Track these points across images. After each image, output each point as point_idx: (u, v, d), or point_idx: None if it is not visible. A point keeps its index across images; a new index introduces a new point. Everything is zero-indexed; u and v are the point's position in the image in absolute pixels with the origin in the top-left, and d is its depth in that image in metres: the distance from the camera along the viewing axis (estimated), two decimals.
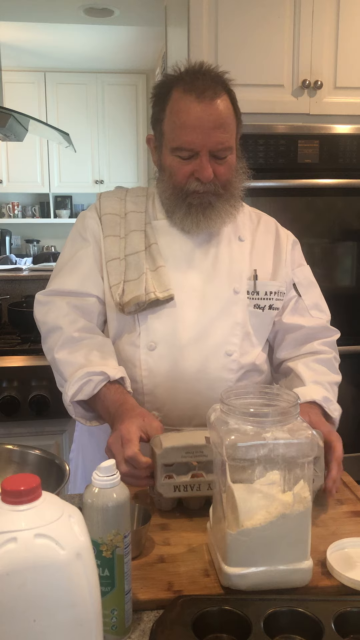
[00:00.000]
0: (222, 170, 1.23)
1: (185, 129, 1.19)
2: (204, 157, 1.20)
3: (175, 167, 1.23)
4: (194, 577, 0.90)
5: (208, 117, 1.18)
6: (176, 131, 1.20)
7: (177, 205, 1.26)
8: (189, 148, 1.20)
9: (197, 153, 1.20)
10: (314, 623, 0.76)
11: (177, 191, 1.25)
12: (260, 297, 1.32)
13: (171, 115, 1.22)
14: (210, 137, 1.19)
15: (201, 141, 1.19)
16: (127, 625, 0.79)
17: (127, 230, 1.31)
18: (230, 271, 1.31)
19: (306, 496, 0.87)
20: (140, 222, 1.32)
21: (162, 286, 1.25)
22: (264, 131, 2.28)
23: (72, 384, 1.17)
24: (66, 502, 0.65)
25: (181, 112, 1.19)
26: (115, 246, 1.30)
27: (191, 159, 1.21)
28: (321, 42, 2.30)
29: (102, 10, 3.45)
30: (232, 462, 0.85)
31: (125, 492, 0.78)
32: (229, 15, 2.24)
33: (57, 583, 0.59)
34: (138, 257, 1.28)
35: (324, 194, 2.36)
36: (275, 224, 1.44)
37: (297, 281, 1.40)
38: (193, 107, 1.18)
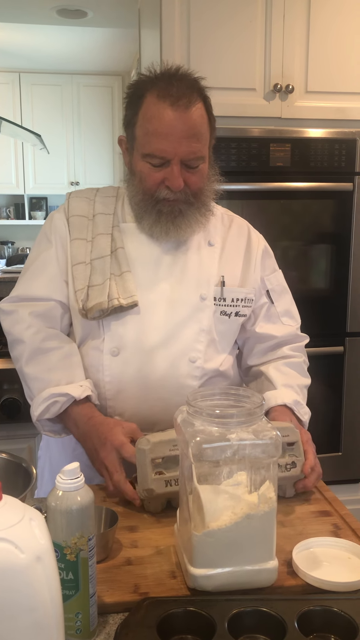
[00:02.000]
0: (193, 179, 1.21)
1: (157, 137, 1.17)
2: (175, 166, 1.18)
3: (146, 173, 1.21)
4: (160, 579, 0.90)
5: (182, 126, 1.16)
6: (148, 137, 1.19)
7: (146, 212, 1.24)
8: (160, 156, 1.18)
9: (168, 161, 1.18)
10: (277, 622, 0.77)
11: (147, 197, 1.23)
12: (227, 304, 1.31)
13: (144, 120, 1.19)
14: (183, 146, 1.17)
15: (173, 150, 1.17)
16: (92, 628, 0.79)
17: (94, 233, 1.29)
18: (199, 277, 1.30)
19: (271, 496, 0.87)
20: (108, 224, 1.30)
21: (126, 292, 1.23)
22: (236, 134, 2.29)
23: (38, 405, 1.19)
24: (27, 505, 0.64)
25: (154, 118, 1.17)
26: (81, 250, 1.28)
27: (162, 166, 1.19)
28: (292, 46, 2.32)
29: (76, 11, 3.43)
30: (198, 464, 0.86)
31: (89, 495, 0.78)
32: (201, 19, 2.25)
33: (16, 587, 0.59)
34: (103, 262, 1.26)
35: (296, 197, 2.38)
36: (248, 228, 1.42)
37: (271, 288, 1.39)
38: (167, 115, 1.16)
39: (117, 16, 3.49)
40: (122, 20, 3.51)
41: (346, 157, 2.37)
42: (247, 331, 1.39)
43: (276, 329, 1.38)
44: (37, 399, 1.20)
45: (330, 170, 2.37)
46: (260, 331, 1.37)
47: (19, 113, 4.94)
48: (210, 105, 1.25)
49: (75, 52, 4.46)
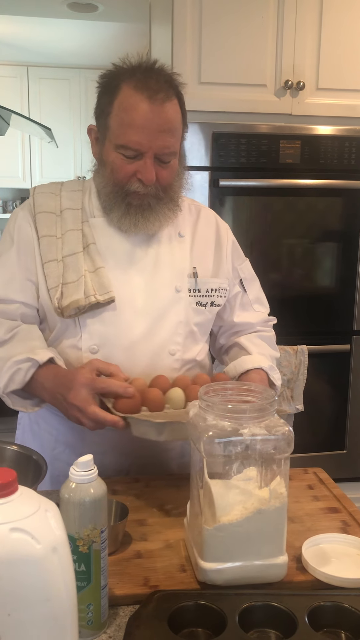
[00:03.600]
0: (164, 174, 1.21)
1: (132, 128, 1.16)
2: (149, 160, 1.18)
3: (118, 165, 1.19)
4: (170, 573, 0.90)
5: (157, 119, 1.16)
6: (123, 128, 1.17)
7: (115, 204, 1.23)
8: (134, 148, 1.17)
9: (141, 154, 1.18)
10: (288, 617, 0.77)
11: (117, 189, 1.22)
12: (202, 295, 1.31)
13: (119, 111, 1.18)
14: (157, 140, 1.17)
15: (148, 143, 1.16)
16: (103, 620, 0.80)
17: (64, 229, 1.27)
18: (172, 269, 1.29)
19: (282, 492, 0.88)
20: (77, 220, 1.28)
21: (102, 288, 1.22)
22: (246, 130, 2.29)
23: (2, 376, 1.17)
24: (43, 496, 0.65)
25: (130, 109, 1.16)
26: (52, 247, 1.25)
27: (135, 159, 1.18)
28: (304, 43, 2.31)
29: (86, 5, 3.43)
30: (209, 458, 0.86)
31: (102, 487, 0.78)
32: (213, 14, 2.24)
33: (32, 577, 0.59)
34: (76, 258, 1.24)
35: (305, 194, 2.38)
36: (215, 217, 1.41)
37: (243, 276, 1.41)
38: (143, 107, 1.15)
39: (128, 10, 3.48)
40: (132, 14, 3.50)
41: (356, 154, 2.36)
42: (223, 320, 1.41)
43: (251, 317, 1.42)
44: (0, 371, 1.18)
45: (340, 167, 2.36)
46: (238, 320, 1.40)
47: (27, 107, 4.93)
48: (183, 102, 1.24)
49: (84, 46, 4.45)
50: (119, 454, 1.27)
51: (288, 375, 2.39)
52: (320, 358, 2.47)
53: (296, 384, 2.40)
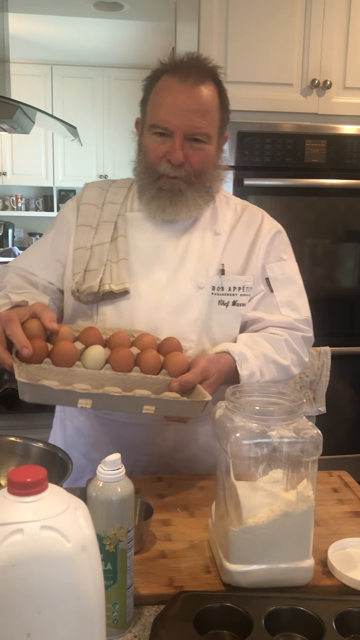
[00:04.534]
0: (196, 157, 1.20)
1: (162, 107, 1.18)
2: (177, 139, 1.18)
3: (150, 146, 1.22)
4: (195, 573, 0.90)
5: (187, 98, 1.17)
6: (155, 109, 1.20)
7: (147, 186, 1.25)
8: (163, 127, 1.18)
9: (171, 134, 1.18)
10: (315, 622, 0.76)
11: (148, 171, 1.23)
12: (225, 293, 1.28)
13: (155, 94, 1.22)
14: (185, 119, 1.17)
15: (176, 121, 1.17)
16: (128, 619, 0.80)
17: (100, 220, 1.30)
18: (197, 266, 1.27)
19: (309, 495, 0.87)
20: (113, 213, 1.31)
21: (119, 279, 1.23)
22: (271, 130, 2.28)
23: None
24: (72, 495, 0.65)
25: (163, 90, 1.20)
26: (84, 236, 1.29)
27: (166, 140, 1.19)
28: (331, 41, 2.29)
29: (112, 4, 3.44)
30: (236, 460, 0.86)
31: (129, 487, 0.78)
32: (240, 13, 2.23)
33: (62, 575, 0.59)
34: (102, 248, 1.27)
35: (330, 194, 2.36)
36: (262, 216, 1.37)
37: (272, 275, 1.31)
38: (174, 87, 1.18)
39: (153, 9, 3.48)
40: (157, 13, 3.50)
41: None
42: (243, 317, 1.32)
43: (268, 316, 1.30)
44: None
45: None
46: (250, 315, 1.30)
47: (50, 105, 4.97)
48: (223, 91, 1.25)
49: (108, 45, 4.46)
50: (125, 449, 1.27)
51: (310, 377, 2.37)
52: (343, 360, 2.45)
53: (319, 386, 2.38)
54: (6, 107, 2.10)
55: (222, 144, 1.29)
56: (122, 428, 1.28)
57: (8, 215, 5.35)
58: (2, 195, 5.36)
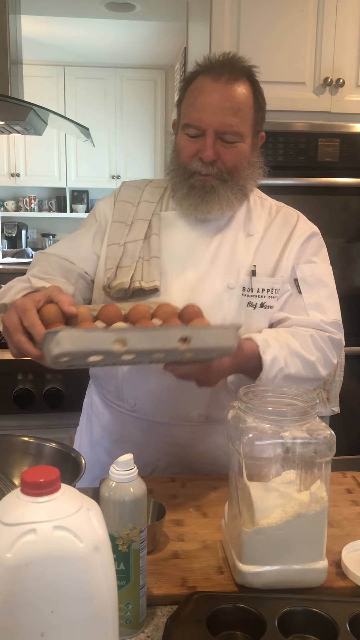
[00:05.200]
0: (228, 155, 1.20)
1: (195, 106, 1.19)
2: (209, 137, 1.18)
3: (183, 145, 1.22)
4: (208, 574, 0.90)
5: (219, 96, 1.17)
6: (188, 108, 1.21)
7: (179, 184, 1.25)
8: (195, 125, 1.18)
9: (204, 132, 1.18)
10: (328, 624, 0.76)
11: (181, 169, 1.24)
12: (254, 295, 1.26)
13: (189, 94, 1.23)
14: (218, 117, 1.17)
15: (208, 119, 1.17)
16: (141, 619, 0.80)
17: (135, 218, 1.31)
18: (229, 266, 1.26)
19: (323, 496, 0.86)
20: (149, 211, 1.31)
21: (149, 276, 1.23)
22: (284, 129, 2.26)
23: (9, 290, 1.18)
24: (84, 495, 0.65)
25: (196, 90, 1.20)
26: (118, 232, 1.30)
27: (198, 138, 1.20)
28: (344, 39, 2.28)
29: (124, 5, 3.44)
30: (248, 460, 0.85)
31: (142, 487, 0.78)
32: (252, 12, 2.23)
33: (75, 575, 0.59)
34: (135, 245, 1.27)
35: (344, 192, 2.34)
36: (298, 218, 1.35)
37: (301, 277, 1.28)
38: (207, 86, 1.19)
39: (165, 9, 3.48)
40: (169, 13, 3.50)
41: None
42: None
43: (293, 316, 1.26)
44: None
45: None
46: (276, 316, 1.27)
47: (63, 106, 4.99)
48: (259, 91, 1.25)
49: (120, 45, 4.47)
50: (148, 447, 1.28)
51: None
52: (357, 359, 2.43)
53: (332, 386, 2.37)
54: (19, 108, 2.11)
55: (257, 143, 1.29)
56: (147, 425, 1.28)
57: (21, 216, 5.38)
58: (16, 197, 5.40)
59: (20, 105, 2.11)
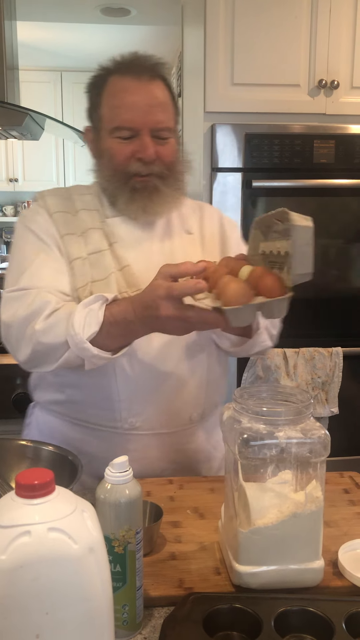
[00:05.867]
0: (165, 151, 1.20)
1: (124, 107, 1.17)
2: (146, 136, 1.17)
3: (115, 149, 1.19)
4: (205, 575, 0.90)
5: (146, 94, 1.17)
6: (115, 111, 1.19)
7: (119, 189, 1.21)
8: (129, 126, 1.17)
9: (137, 133, 1.17)
10: (325, 623, 0.76)
11: (118, 174, 1.21)
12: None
13: (108, 97, 1.20)
14: (150, 116, 1.17)
15: (141, 119, 1.17)
16: (138, 620, 0.80)
17: (83, 228, 1.24)
18: None
19: (318, 496, 0.87)
20: (95, 219, 1.25)
21: (133, 286, 1.19)
22: (279, 131, 2.27)
23: (76, 326, 1.06)
24: (79, 497, 0.65)
25: (119, 91, 1.19)
26: (74, 245, 1.21)
27: (132, 139, 1.18)
28: (338, 41, 2.28)
29: (119, 9, 3.45)
30: (244, 461, 0.86)
31: (137, 489, 0.78)
32: (246, 15, 2.24)
33: (69, 577, 0.60)
34: (102, 256, 1.21)
35: (340, 194, 2.35)
36: (219, 214, 1.40)
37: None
38: (131, 86, 1.18)
39: (160, 14, 3.50)
40: (164, 17, 3.51)
41: None
42: None
43: None
44: (70, 324, 1.07)
45: None
46: None
47: (60, 111, 5.00)
48: (172, 87, 1.25)
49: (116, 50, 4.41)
50: (155, 461, 1.28)
51: (323, 378, 2.36)
52: (355, 360, 2.43)
53: (331, 387, 2.37)
54: (15, 114, 2.12)
55: (178, 137, 1.29)
56: (148, 440, 1.25)
57: None
58: (14, 202, 5.40)
59: (16, 110, 2.12)
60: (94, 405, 1.23)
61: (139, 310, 1.04)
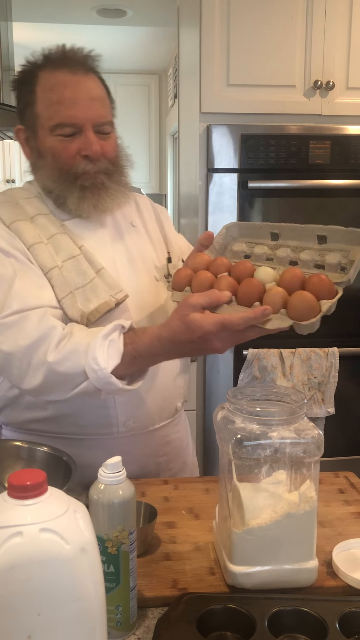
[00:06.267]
0: (108, 146, 1.17)
1: (64, 104, 1.12)
2: (89, 132, 1.13)
3: (59, 148, 1.14)
4: (199, 575, 0.90)
5: (85, 89, 1.13)
6: (54, 107, 1.13)
7: (67, 189, 1.16)
8: (71, 123, 1.12)
9: (80, 129, 1.13)
10: (318, 623, 0.76)
11: (64, 174, 1.15)
12: (170, 280, 1.25)
13: (44, 93, 1.14)
14: (92, 110, 1.13)
15: (83, 114, 1.12)
16: (132, 621, 0.80)
17: (48, 234, 1.16)
18: (144, 260, 1.26)
19: (312, 496, 0.87)
20: (56, 223, 1.19)
21: (114, 288, 1.15)
22: (275, 132, 2.28)
23: (100, 360, 1.01)
24: (72, 497, 0.65)
25: (57, 87, 1.13)
26: (45, 254, 1.14)
27: (75, 136, 1.14)
28: (333, 42, 2.29)
29: (115, 10, 3.46)
30: (238, 461, 0.86)
31: (130, 489, 0.78)
32: (241, 16, 2.24)
33: (61, 577, 0.59)
34: (77, 262, 1.15)
35: (335, 194, 2.35)
36: (150, 202, 1.38)
37: (183, 250, 1.35)
38: (67, 80, 1.13)
39: (156, 15, 3.50)
40: (161, 18, 3.51)
41: None
42: None
43: None
44: (88, 355, 1.02)
45: None
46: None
47: None
48: (103, 79, 1.22)
49: (112, 51, 4.48)
50: (148, 457, 1.28)
51: (319, 378, 2.36)
52: (351, 360, 2.44)
53: (327, 387, 2.37)
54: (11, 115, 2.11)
55: (116, 131, 1.25)
56: (142, 439, 1.25)
57: None
58: None
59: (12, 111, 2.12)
60: (87, 414, 1.19)
61: (169, 346, 1.02)
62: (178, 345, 1.01)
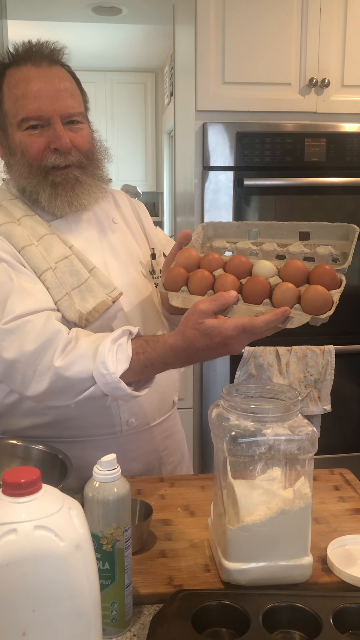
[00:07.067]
0: (79, 138, 1.14)
1: (29, 98, 1.10)
2: (57, 125, 1.11)
3: (27, 142, 1.12)
4: (194, 572, 0.90)
5: (50, 80, 1.11)
6: (20, 102, 1.11)
7: (39, 185, 1.14)
8: (37, 115, 1.10)
9: (48, 122, 1.11)
10: (312, 618, 0.77)
11: (34, 169, 1.13)
12: (157, 276, 1.26)
13: (10, 89, 1.13)
14: (58, 101, 1.11)
15: (49, 106, 1.10)
16: (127, 618, 0.80)
17: (37, 235, 1.14)
18: (130, 256, 1.25)
19: (307, 492, 0.87)
20: (43, 224, 1.17)
21: (108, 287, 1.14)
22: (270, 129, 2.28)
23: (109, 365, 1.00)
24: (66, 495, 0.65)
25: (20, 82, 1.12)
26: (37, 256, 1.12)
27: (43, 130, 1.11)
28: (329, 40, 2.29)
29: (110, 8, 3.45)
30: (232, 458, 0.86)
31: (125, 486, 0.79)
32: (236, 13, 2.24)
33: (56, 574, 0.60)
34: (70, 262, 1.14)
35: (331, 192, 2.36)
36: (127, 197, 1.37)
37: (163, 244, 1.35)
38: (32, 74, 1.11)
39: (152, 12, 3.49)
40: (156, 16, 3.51)
41: None
42: None
43: None
44: (96, 360, 1.00)
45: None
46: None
47: None
48: (73, 72, 1.20)
49: (108, 49, 4.48)
50: (151, 454, 1.29)
51: (315, 376, 2.37)
52: (348, 358, 2.44)
53: (323, 385, 2.38)
54: None
55: (91, 124, 1.24)
56: (144, 436, 1.25)
57: None
58: None
59: None
60: (89, 416, 1.18)
61: (184, 355, 1.01)
62: (194, 353, 1.00)
